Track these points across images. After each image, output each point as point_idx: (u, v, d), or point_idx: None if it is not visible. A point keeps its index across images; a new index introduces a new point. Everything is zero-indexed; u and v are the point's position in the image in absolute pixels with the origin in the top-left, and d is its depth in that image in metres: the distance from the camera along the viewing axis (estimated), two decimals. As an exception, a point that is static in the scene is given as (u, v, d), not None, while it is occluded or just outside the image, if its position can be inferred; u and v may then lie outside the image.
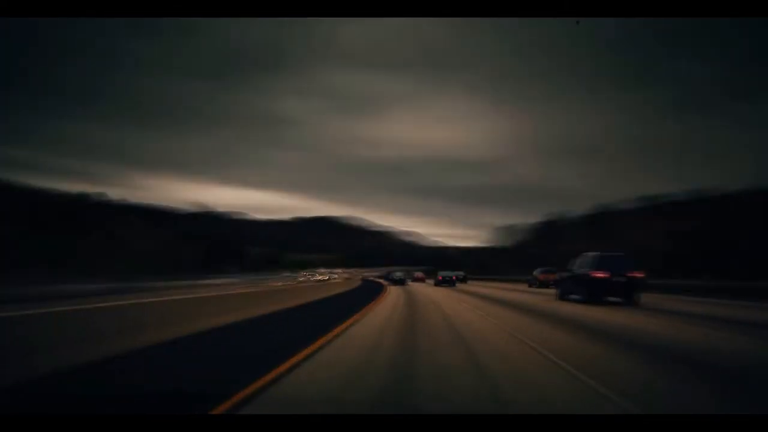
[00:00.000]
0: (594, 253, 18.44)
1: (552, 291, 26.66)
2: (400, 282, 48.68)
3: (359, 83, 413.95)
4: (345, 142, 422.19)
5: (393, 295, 25.76)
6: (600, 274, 16.90)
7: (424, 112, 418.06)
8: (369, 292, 28.28)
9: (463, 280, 51.12)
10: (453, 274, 44.47)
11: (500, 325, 11.02)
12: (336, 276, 69.26)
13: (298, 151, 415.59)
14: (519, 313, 14.36)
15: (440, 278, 42.85)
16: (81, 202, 77.85)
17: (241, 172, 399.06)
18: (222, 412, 4.13)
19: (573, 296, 18.71)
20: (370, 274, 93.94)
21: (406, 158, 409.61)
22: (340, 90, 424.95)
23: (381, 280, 58.69)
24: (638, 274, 16.93)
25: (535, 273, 36.94)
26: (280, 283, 43.13)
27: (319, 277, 69.63)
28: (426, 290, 32.92)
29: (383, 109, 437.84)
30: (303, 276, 76.06)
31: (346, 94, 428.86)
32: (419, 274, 61.99)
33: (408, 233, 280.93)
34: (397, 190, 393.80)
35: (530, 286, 36.20)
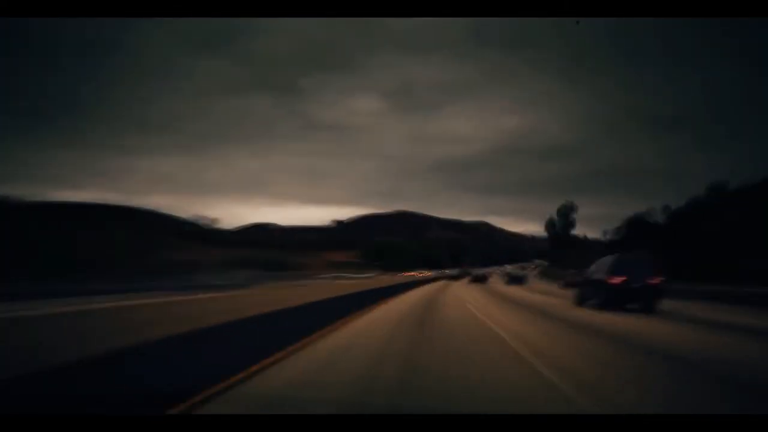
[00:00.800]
0: (611, 257, 17.63)
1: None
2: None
3: (417, 78, 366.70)
4: (407, 142, 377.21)
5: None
6: (616, 280, 15.88)
7: (486, 101, 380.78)
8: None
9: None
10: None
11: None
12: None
13: (357, 158, 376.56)
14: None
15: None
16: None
17: (285, 187, 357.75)
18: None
19: (590, 302, 17.44)
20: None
21: (473, 152, 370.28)
22: (397, 88, 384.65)
23: None
24: (656, 280, 15.77)
25: (566, 275, 39.61)
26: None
27: None
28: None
29: (444, 103, 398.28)
30: None
31: (405, 90, 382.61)
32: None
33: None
34: (465, 187, 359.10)
35: (560, 287, 37.28)
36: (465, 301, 20.89)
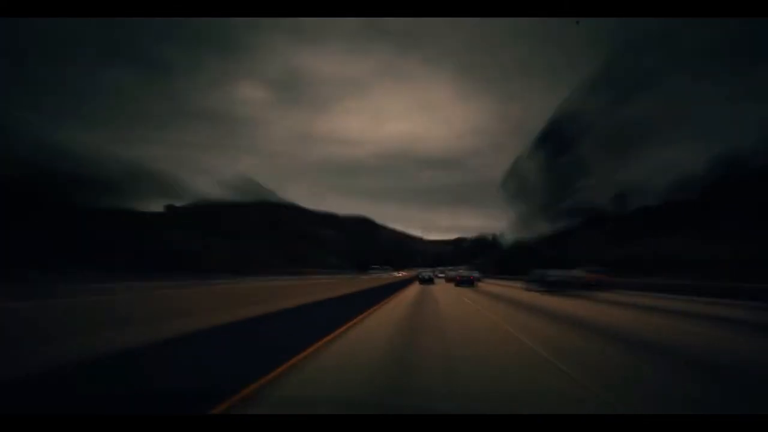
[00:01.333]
0: None
1: (603, 296, 22.35)
2: None
3: (308, 70, 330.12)
4: (291, 141, 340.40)
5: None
6: None
7: (380, 104, 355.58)
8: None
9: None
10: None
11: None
12: None
13: (235, 152, 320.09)
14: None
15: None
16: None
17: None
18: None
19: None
20: None
21: (364, 156, 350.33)
22: (285, 78, 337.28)
23: None
24: None
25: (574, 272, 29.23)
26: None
27: None
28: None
29: (333, 101, 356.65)
30: None
31: (291, 83, 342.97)
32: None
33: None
34: (350, 191, 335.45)
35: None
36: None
